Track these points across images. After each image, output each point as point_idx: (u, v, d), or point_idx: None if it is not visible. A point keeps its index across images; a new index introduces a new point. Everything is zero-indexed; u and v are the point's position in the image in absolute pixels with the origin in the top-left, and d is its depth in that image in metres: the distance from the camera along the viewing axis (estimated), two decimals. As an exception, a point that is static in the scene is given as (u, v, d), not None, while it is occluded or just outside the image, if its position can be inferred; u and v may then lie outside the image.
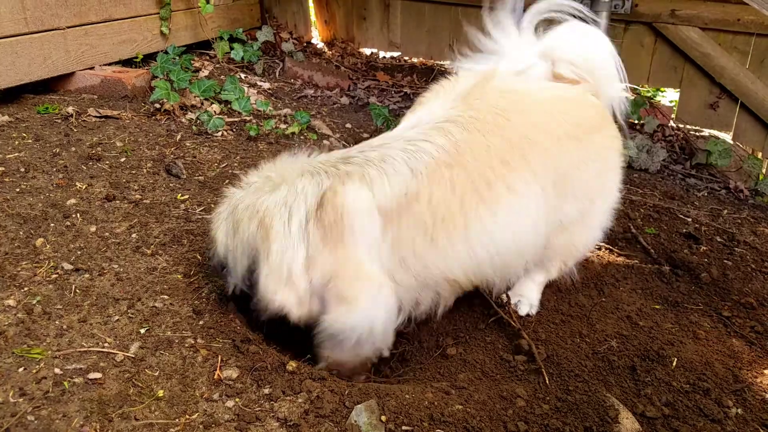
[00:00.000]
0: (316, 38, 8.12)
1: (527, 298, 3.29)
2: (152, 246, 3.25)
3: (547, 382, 2.74)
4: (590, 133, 3.01)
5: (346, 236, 2.61)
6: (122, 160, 4.07)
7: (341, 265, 2.63)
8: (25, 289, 2.79)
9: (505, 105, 2.85)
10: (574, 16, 3.21)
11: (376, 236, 2.65)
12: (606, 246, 3.97)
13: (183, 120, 4.94)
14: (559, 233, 3.06)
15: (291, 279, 2.64)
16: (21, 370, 2.35)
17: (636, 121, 6.11)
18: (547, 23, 3.23)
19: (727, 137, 6.01)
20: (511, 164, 2.76)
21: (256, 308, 2.74)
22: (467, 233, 2.71)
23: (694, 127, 6.24)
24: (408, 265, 2.72)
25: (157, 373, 2.46)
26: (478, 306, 3.25)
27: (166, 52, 5.70)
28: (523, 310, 3.22)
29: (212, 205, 3.71)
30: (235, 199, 2.81)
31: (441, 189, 2.67)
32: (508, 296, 3.24)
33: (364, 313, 2.68)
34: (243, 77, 6.14)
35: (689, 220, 4.41)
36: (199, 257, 3.22)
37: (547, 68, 3.16)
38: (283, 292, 2.66)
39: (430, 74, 7.29)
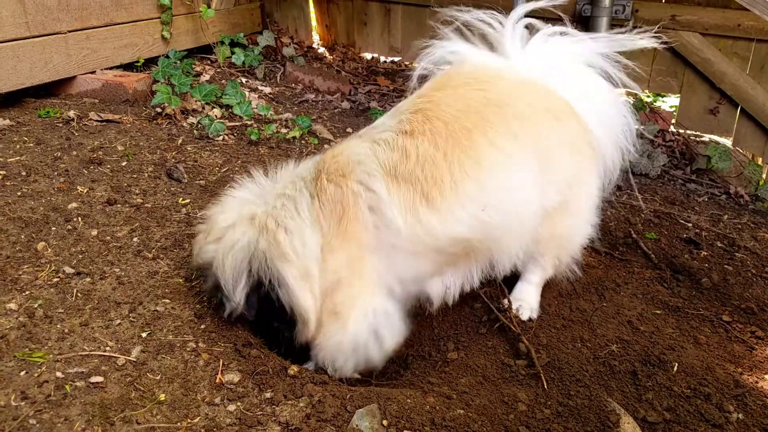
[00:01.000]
0: (317, 43, 8.13)
1: (527, 303, 3.30)
2: (153, 250, 3.25)
3: (546, 387, 2.74)
4: (567, 117, 3.04)
5: (350, 207, 2.67)
6: (123, 164, 4.08)
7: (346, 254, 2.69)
8: (27, 292, 2.79)
9: (479, 86, 2.90)
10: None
11: (382, 193, 2.67)
12: (606, 251, 3.97)
13: (184, 124, 4.94)
14: (544, 221, 3.04)
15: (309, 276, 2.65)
16: (23, 373, 2.35)
17: (636, 126, 6.11)
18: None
19: (727, 143, 6.01)
20: (490, 121, 2.78)
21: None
22: (457, 189, 2.69)
23: (694, 133, 6.25)
24: (416, 232, 2.69)
25: (158, 377, 2.46)
26: (480, 310, 3.25)
27: (168, 57, 5.70)
28: (524, 315, 3.22)
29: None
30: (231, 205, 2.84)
31: (424, 145, 2.70)
32: (509, 301, 3.24)
33: (361, 319, 2.75)
34: (244, 82, 6.15)
35: (690, 225, 4.41)
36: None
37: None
38: (306, 293, 2.66)
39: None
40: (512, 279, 3.48)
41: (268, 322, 2.74)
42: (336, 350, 2.74)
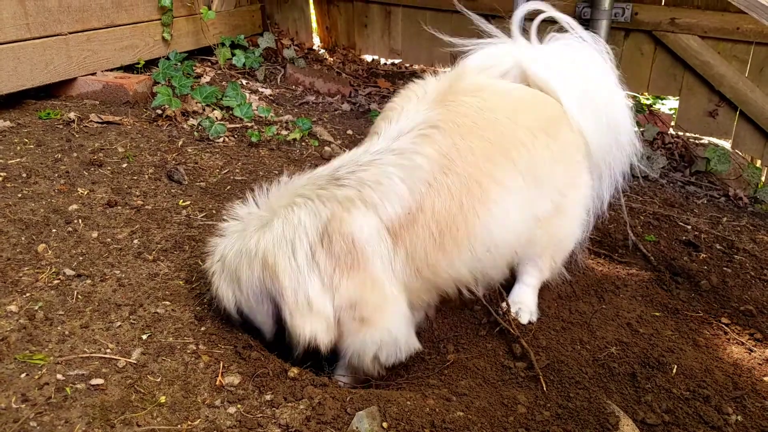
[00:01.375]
0: (318, 45, 8.15)
1: (526, 305, 3.32)
2: (154, 252, 3.26)
3: (545, 389, 2.75)
4: (558, 129, 3.13)
5: (360, 262, 2.64)
6: (124, 165, 4.08)
7: (361, 290, 2.67)
8: (27, 294, 2.79)
9: (478, 104, 2.95)
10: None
11: (389, 256, 2.71)
12: (606, 253, 3.98)
13: (185, 126, 4.95)
14: (540, 227, 3.12)
15: (313, 309, 2.64)
16: (23, 376, 2.36)
17: (635, 129, 6.12)
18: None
19: (726, 145, 6.02)
20: (495, 160, 2.86)
21: (290, 344, 2.73)
22: (469, 234, 2.79)
23: (693, 135, 6.25)
24: (422, 275, 2.79)
25: (159, 379, 2.46)
26: (479, 313, 3.26)
27: (168, 58, 5.71)
28: (524, 318, 3.24)
29: (214, 211, 3.73)
30: (221, 249, 2.79)
31: (441, 199, 2.73)
32: (508, 305, 3.25)
33: (390, 330, 2.76)
34: (244, 83, 6.16)
35: (689, 227, 4.42)
36: (200, 263, 3.22)
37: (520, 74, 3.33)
38: (311, 323, 2.65)
39: (431, 81, 7.29)
40: (511, 280, 3.49)
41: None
42: (371, 349, 2.79)
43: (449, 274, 2.87)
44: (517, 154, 2.92)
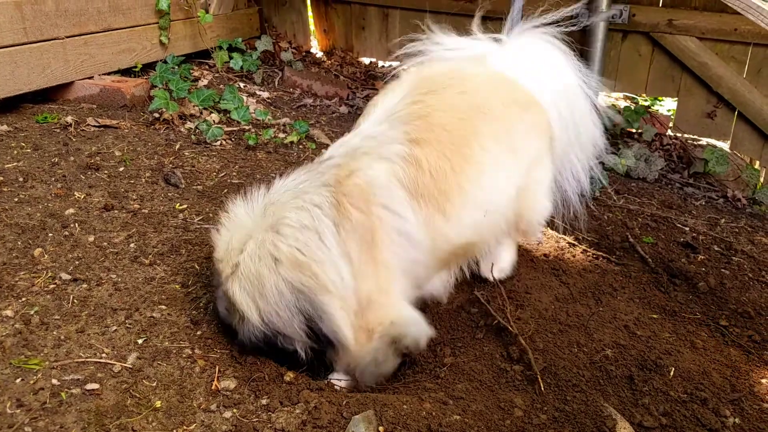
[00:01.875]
0: (315, 48, 8.14)
1: (508, 263, 3.61)
2: (150, 256, 3.25)
3: (542, 389, 2.75)
4: (529, 104, 3.33)
5: (378, 230, 2.67)
6: (121, 169, 4.08)
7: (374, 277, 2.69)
8: (23, 299, 2.79)
9: (455, 82, 3.12)
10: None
11: (408, 215, 2.75)
12: (603, 255, 3.98)
13: (182, 129, 4.95)
14: (519, 196, 3.26)
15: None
16: (18, 381, 2.35)
17: (633, 130, 6.12)
18: None
19: (724, 146, 6.01)
20: (479, 128, 3.00)
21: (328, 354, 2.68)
22: (466, 196, 2.92)
23: (691, 136, 6.25)
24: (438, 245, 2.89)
25: (154, 384, 2.46)
26: (476, 315, 3.25)
27: (165, 62, 5.71)
28: (505, 271, 3.56)
29: (211, 215, 3.72)
30: (226, 263, 2.64)
31: (434, 158, 2.83)
32: (507, 303, 3.25)
33: (400, 311, 2.81)
34: (242, 86, 6.15)
35: (687, 229, 4.42)
36: (197, 267, 3.22)
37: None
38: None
39: (429, 83, 7.29)
40: (509, 279, 3.49)
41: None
42: (371, 361, 2.78)
43: (459, 240, 2.98)
44: (498, 126, 3.09)
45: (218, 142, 4.84)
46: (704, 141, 6.18)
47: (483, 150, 2.99)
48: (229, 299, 2.60)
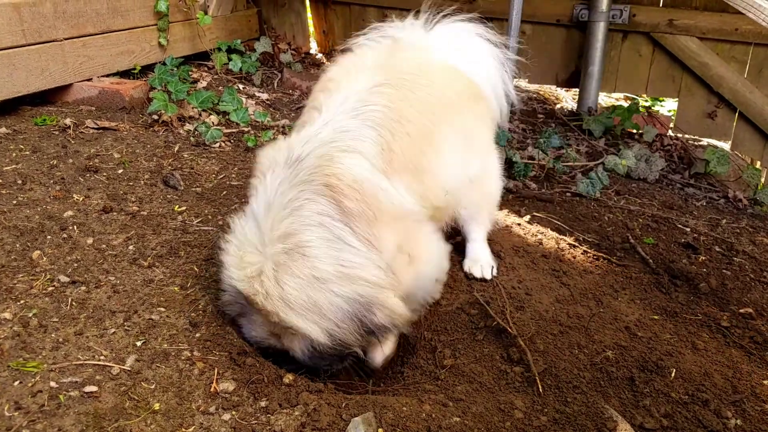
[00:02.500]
0: (315, 49, 8.14)
1: (485, 260, 3.65)
2: (149, 258, 3.24)
3: (541, 390, 2.73)
4: (477, 95, 3.54)
5: (377, 205, 2.69)
6: (120, 171, 4.07)
7: (396, 232, 2.76)
8: (21, 301, 2.78)
9: (417, 70, 3.23)
10: None
11: (391, 189, 2.80)
12: (604, 256, 3.96)
13: (181, 131, 4.94)
14: (474, 186, 3.46)
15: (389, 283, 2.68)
16: (16, 383, 2.34)
17: (634, 131, 6.12)
18: None
19: (725, 147, 6.01)
20: (438, 115, 3.14)
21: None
22: (434, 172, 3.08)
23: (692, 137, 6.25)
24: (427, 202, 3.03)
25: (153, 386, 2.44)
26: (476, 317, 3.24)
27: (164, 64, 5.71)
28: (488, 274, 3.57)
29: (209, 217, 3.71)
30: (255, 292, 2.59)
31: (404, 144, 2.91)
32: (507, 303, 3.24)
33: (432, 251, 3.00)
34: (241, 88, 6.15)
35: (688, 229, 4.41)
36: (196, 269, 3.21)
37: None
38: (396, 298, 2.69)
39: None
40: (510, 280, 3.48)
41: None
42: (422, 281, 2.95)
43: (439, 201, 3.16)
44: (454, 115, 3.26)
45: (217, 144, 4.83)
46: (705, 141, 6.18)
47: (445, 140, 3.15)
48: (284, 326, 2.60)
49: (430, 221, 3.09)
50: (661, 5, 6.10)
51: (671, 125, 6.31)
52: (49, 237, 3.26)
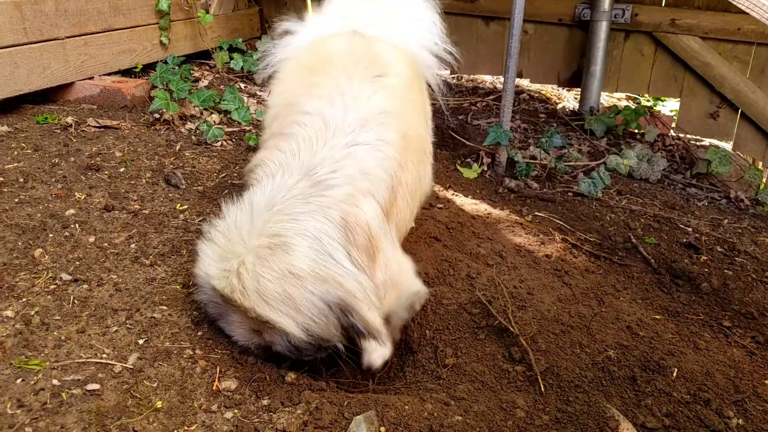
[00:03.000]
0: (316, 48, 8.12)
1: None
2: (151, 256, 3.24)
3: (543, 390, 2.73)
4: (420, 76, 3.67)
5: (378, 246, 2.75)
6: (121, 170, 4.07)
7: (388, 268, 2.82)
8: (24, 299, 2.78)
9: (364, 58, 3.29)
10: None
11: (389, 231, 2.89)
12: (606, 256, 3.96)
13: (182, 130, 4.94)
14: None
15: (373, 300, 2.68)
16: (19, 381, 2.34)
17: (636, 130, 6.11)
18: None
19: (727, 147, 6.01)
20: (407, 100, 3.27)
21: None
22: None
23: (694, 137, 6.24)
24: (400, 234, 3.18)
25: (155, 384, 2.45)
26: (478, 316, 3.24)
27: (166, 62, 5.70)
28: None
29: (211, 215, 3.70)
30: (230, 287, 2.57)
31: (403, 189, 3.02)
32: (509, 303, 3.24)
33: (410, 282, 3.03)
34: (242, 87, 6.15)
35: (690, 229, 4.41)
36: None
37: None
38: (376, 313, 2.68)
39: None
40: (511, 279, 3.48)
41: None
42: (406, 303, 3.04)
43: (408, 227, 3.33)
44: (417, 94, 3.42)
45: (219, 143, 4.83)
46: (707, 141, 6.18)
47: (414, 112, 3.29)
48: (260, 322, 2.56)
49: None
50: (663, 5, 6.09)
51: (673, 125, 6.31)
52: (51, 235, 3.26)
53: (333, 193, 2.68)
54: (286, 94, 3.31)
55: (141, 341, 2.65)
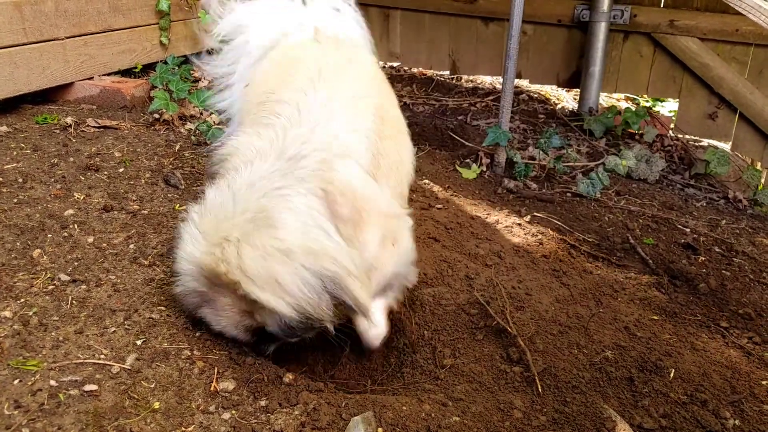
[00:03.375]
0: (316, 48, 8.12)
1: None
2: (150, 257, 3.25)
3: (540, 390, 2.74)
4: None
5: (369, 209, 2.73)
6: (120, 170, 4.08)
7: (384, 227, 2.80)
8: (22, 300, 2.78)
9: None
10: None
11: (379, 193, 2.86)
12: (604, 257, 3.97)
13: (182, 130, 4.94)
14: None
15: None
16: (16, 382, 2.34)
17: (635, 131, 6.12)
18: None
19: (726, 147, 6.02)
20: (383, 93, 3.35)
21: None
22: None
23: (693, 137, 6.25)
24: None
25: (153, 385, 2.45)
26: (476, 317, 3.25)
27: (166, 62, 5.71)
28: None
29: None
30: (217, 270, 2.52)
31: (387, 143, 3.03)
32: (508, 303, 3.25)
33: (411, 244, 3.01)
34: (242, 87, 6.14)
35: (688, 230, 4.41)
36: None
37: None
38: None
39: (430, 84, 7.30)
40: (510, 280, 3.49)
41: None
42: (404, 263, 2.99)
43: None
44: (382, 86, 3.42)
45: (218, 143, 4.83)
46: (705, 142, 6.19)
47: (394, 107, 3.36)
48: (249, 301, 2.52)
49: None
50: (662, 6, 6.10)
51: (672, 126, 6.32)
52: (49, 235, 3.26)
53: (306, 163, 2.66)
54: (260, 88, 3.33)
55: (139, 342, 2.66)
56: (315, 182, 2.61)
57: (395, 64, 7.81)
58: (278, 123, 2.86)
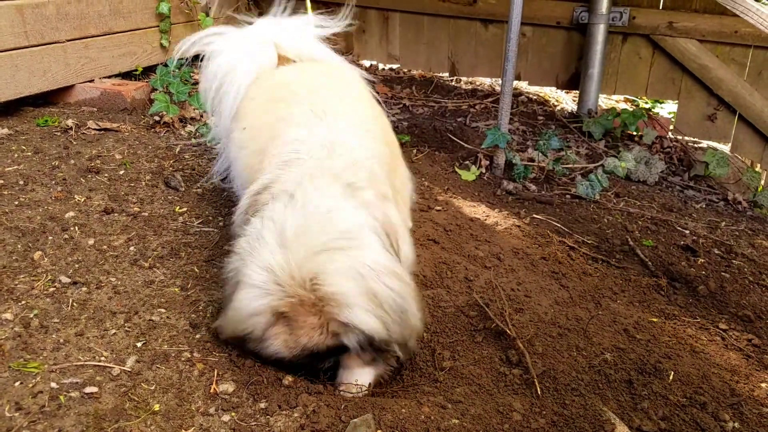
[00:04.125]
0: (316, 50, 8.13)
1: None
2: (150, 259, 3.26)
3: (539, 393, 2.74)
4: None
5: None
6: (121, 172, 4.08)
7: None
8: (23, 302, 2.79)
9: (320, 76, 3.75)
10: None
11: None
12: (603, 258, 3.97)
13: (182, 132, 4.95)
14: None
15: None
16: (17, 384, 2.35)
17: (634, 133, 6.12)
18: None
19: (725, 149, 6.02)
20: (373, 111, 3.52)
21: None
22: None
23: (692, 139, 6.25)
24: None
25: (153, 387, 2.46)
26: (475, 319, 3.25)
27: (166, 65, 5.71)
28: None
29: (210, 218, 3.72)
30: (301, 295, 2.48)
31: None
32: (507, 305, 3.25)
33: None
34: (242, 89, 6.15)
35: (687, 232, 4.42)
36: (196, 270, 3.22)
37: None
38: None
39: (429, 86, 7.31)
40: (509, 282, 3.49)
41: None
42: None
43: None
44: (369, 104, 3.55)
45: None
46: (705, 144, 6.19)
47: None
48: (354, 328, 2.46)
49: None
50: (660, 8, 6.10)
51: (671, 127, 6.32)
52: (50, 238, 3.27)
53: (364, 195, 2.74)
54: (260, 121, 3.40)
55: (139, 344, 2.66)
56: (376, 211, 2.74)
57: (395, 67, 7.82)
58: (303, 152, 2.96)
